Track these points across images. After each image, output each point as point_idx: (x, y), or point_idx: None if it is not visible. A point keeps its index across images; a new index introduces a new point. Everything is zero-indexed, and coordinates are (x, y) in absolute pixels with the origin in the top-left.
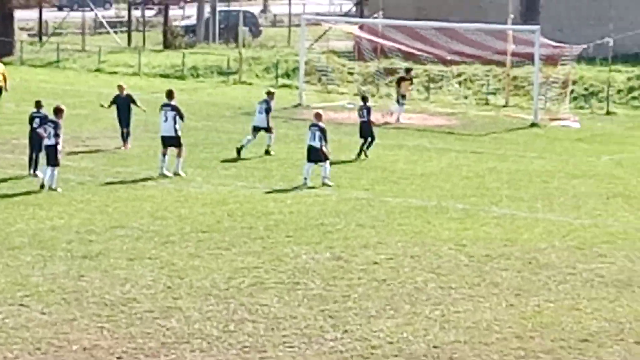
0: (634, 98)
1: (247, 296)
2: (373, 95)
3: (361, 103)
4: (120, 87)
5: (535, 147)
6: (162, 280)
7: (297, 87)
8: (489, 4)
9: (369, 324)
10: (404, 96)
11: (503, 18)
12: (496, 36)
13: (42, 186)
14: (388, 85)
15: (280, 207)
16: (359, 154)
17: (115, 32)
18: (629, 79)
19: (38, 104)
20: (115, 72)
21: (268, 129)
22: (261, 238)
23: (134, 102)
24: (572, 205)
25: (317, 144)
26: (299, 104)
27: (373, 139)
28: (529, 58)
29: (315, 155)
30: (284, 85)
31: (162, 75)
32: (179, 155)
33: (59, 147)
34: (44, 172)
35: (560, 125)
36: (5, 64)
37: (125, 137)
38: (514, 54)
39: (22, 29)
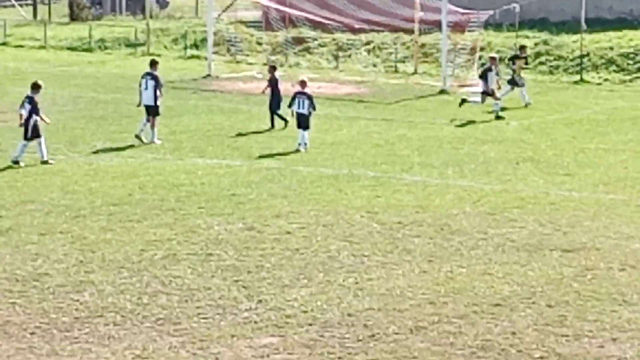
0: (541, 63)
1: (160, 268)
2: (282, 65)
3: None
4: None
5: (445, 114)
6: (74, 254)
7: (206, 58)
8: None
9: (283, 293)
10: (519, 76)
11: None
12: (404, 3)
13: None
14: (296, 55)
15: (191, 179)
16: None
17: (21, 5)
18: (535, 44)
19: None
20: (21, 46)
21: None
22: (173, 210)
23: None
24: (482, 171)
25: (305, 111)
26: (209, 75)
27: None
28: (437, 25)
29: (304, 122)
30: (193, 57)
31: (69, 48)
32: (149, 123)
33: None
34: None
35: (469, 92)
36: None
37: None
38: (421, 22)
39: None
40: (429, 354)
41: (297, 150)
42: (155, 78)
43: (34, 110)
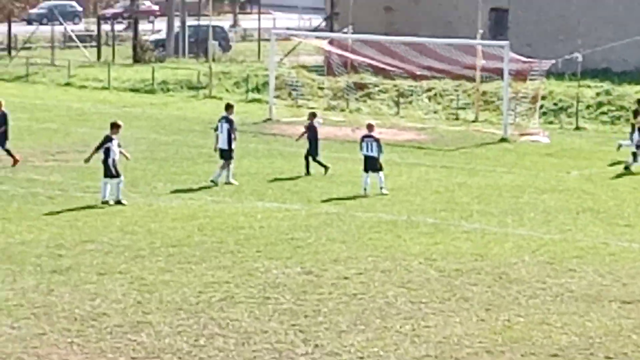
0: (602, 113)
1: (218, 311)
2: (343, 110)
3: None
4: None
5: (505, 162)
6: (132, 294)
7: (267, 102)
8: (458, 19)
9: (339, 338)
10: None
11: (472, 33)
12: (465, 51)
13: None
14: (357, 100)
15: (250, 222)
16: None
17: (85, 47)
18: (597, 94)
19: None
20: (84, 87)
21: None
22: (231, 252)
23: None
24: (541, 220)
25: (374, 154)
26: (269, 119)
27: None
28: (498, 73)
29: (372, 165)
30: (254, 100)
31: (131, 90)
32: (224, 166)
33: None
34: (103, 186)
35: (529, 140)
36: None
37: None
38: (483, 69)
39: None
40: None
41: (365, 195)
42: (230, 122)
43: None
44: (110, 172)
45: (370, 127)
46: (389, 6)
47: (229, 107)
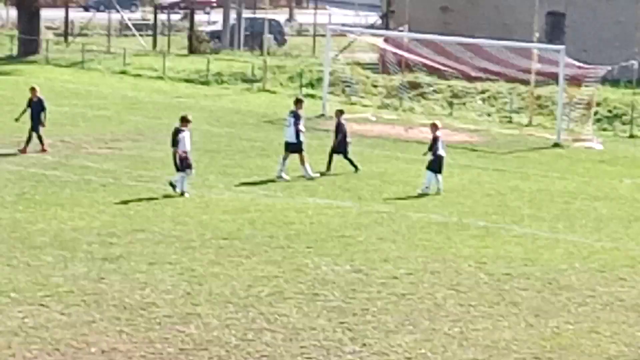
0: None
1: (266, 305)
2: (396, 109)
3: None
4: (33, 90)
5: (558, 167)
6: (181, 286)
7: (320, 98)
8: (514, 22)
9: (387, 338)
10: None
11: (528, 36)
12: (521, 54)
13: (181, 193)
14: (411, 99)
15: (301, 218)
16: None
17: (141, 35)
18: None
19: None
20: (139, 75)
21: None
22: (282, 247)
23: (43, 108)
24: (593, 227)
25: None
26: (322, 115)
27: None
28: (553, 77)
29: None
30: (308, 95)
31: (186, 80)
32: (302, 162)
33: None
34: (176, 178)
35: (583, 146)
36: (30, 62)
37: (28, 141)
38: (538, 73)
39: (48, 28)
40: None
41: (425, 194)
42: (296, 116)
43: (178, 142)
44: (176, 165)
45: (436, 126)
46: (445, 6)
47: (297, 102)
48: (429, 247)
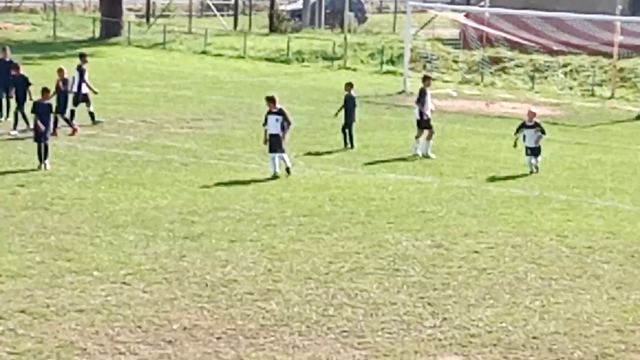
0: None
1: (347, 281)
2: (477, 84)
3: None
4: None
5: None
6: (262, 262)
7: (401, 74)
8: None
9: (468, 312)
10: None
11: (611, 8)
12: (603, 27)
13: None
14: (492, 74)
15: (381, 194)
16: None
17: (222, 15)
18: None
19: None
20: (220, 55)
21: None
22: (362, 223)
23: (28, 84)
24: None
25: (534, 144)
26: (403, 91)
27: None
28: (637, 50)
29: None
30: (389, 72)
31: (267, 59)
32: (429, 137)
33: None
34: (272, 159)
35: None
36: (112, 44)
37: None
38: (621, 46)
39: (129, 9)
40: None
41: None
42: (422, 92)
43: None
44: (268, 146)
45: (533, 114)
46: None
47: (425, 79)
48: (510, 222)
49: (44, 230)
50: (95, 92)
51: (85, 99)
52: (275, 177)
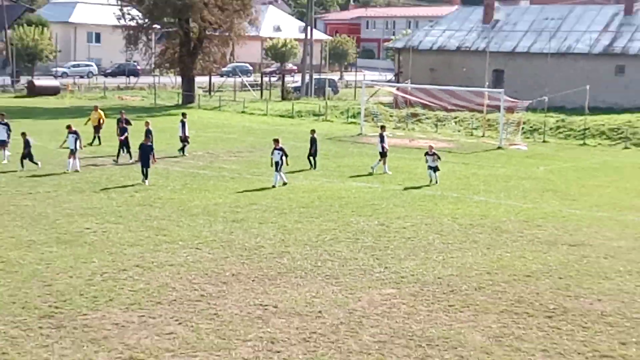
0: (559, 132)
1: (328, 246)
2: (404, 129)
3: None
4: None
5: (500, 161)
6: (278, 235)
7: (359, 123)
8: (474, 76)
9: (400, 264)
10: None
11: (482, 84)
12: (477, 94)
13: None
14: (412, 123)
15: (348, 194)
16: None
17: (253, 90)
18: (557, 121)
19: None
20: (253, 113)
21: None
22: (337, 212)
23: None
24: (521, 196)
25: (433, 164)
26: (360, 133)
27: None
28: (497, 108)
29: (435, 169)
30: (352, 122)
31: (280, 116)
32: (384, 162)
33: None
34: (275, 176)
35: (515, 148)
36: (189, 107)
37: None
38: (488, 106)
39: (199, 87)
40: (486, 303)
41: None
42: (381, 137)
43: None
44: (273, 168)
45: (431, 147)
46: (432, 68)
47: (382, 128)
48: (423, 209)
49: (149, 218)
50: (187, 136)
51: (187, 139)
52: (274, 187)
